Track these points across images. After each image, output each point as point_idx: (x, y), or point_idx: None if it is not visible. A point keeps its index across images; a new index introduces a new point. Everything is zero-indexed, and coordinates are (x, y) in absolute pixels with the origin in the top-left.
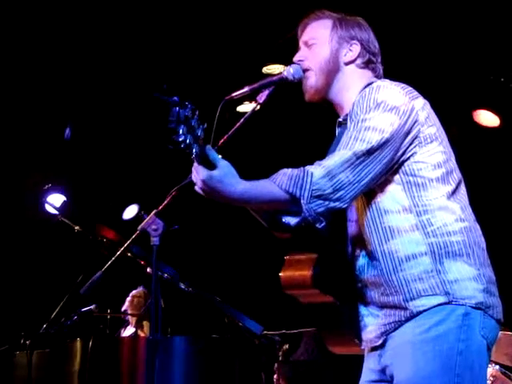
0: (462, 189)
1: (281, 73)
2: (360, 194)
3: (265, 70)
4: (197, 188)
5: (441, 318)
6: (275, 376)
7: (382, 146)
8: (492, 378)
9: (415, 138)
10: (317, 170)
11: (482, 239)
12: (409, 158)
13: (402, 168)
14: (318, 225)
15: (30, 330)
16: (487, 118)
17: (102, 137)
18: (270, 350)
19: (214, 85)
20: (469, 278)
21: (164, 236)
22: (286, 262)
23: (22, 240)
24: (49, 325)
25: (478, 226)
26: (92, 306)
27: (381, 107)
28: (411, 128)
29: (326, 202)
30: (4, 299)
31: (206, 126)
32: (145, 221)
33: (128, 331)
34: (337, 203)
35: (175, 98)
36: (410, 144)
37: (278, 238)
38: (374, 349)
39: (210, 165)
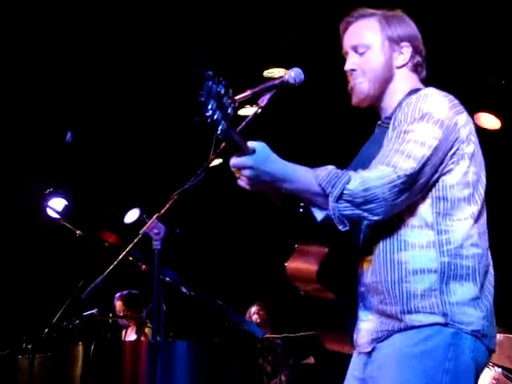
0: (484, 213)
1: (282, 76)
2: (394, 211)
3: (266, 73)
4: (242, 180)
5: (429, 334)
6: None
7: (424, 163)
8: (494, 381)
9: (454, 154)
10: (355, 176)
11: (491, 268)
12: (444, 174)
13: (437, 183)
14: (341, 226)
15: (32, 334)
16: (488, 121)
17: (103, 141)
18: (272, 353)
19: None
20: (470, 304)
21: (166, 240)
22: (296, 252)
23: (24, 244)
24: (51, 329)
25: (489, 254)
26: (94, 310)
27: (425, 119)
28: (452, 145)
29: (353, 208)
30: (6, 303)
31: (237, 105)
32: (147, 225)
33: (130, 336)
34: (365, 213)
35: (210, 72)
36: (449, 160)
37: (284, 232)
38: (361, 354)
39: (237, 148)
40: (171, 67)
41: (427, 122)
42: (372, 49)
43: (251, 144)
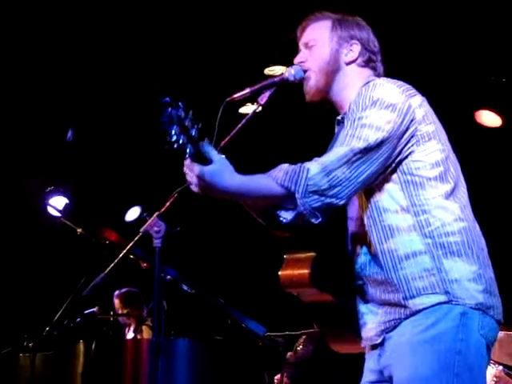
0: (462, 187)
1: (282, 74)
2: (357, 192)
3: (266, 71)
4: (192, 186)
5: (438, 318)
6: (277, 377)
7: (379, 144)
8: (495, 379)
9: (412, 136)
10: (313, 165)
11: (482, 239)
12: (406, 157)
13: (400, 167)
14: (313, 220)
15: (33, 332)
16: (489, 119)
17: (103, 139)
18: (273, 351)
19: (216, 86)
20: (468, 278)
21: (166, 238)
22: (285, 261)
23: (25, 242)
24: (52, 327)
25: (477, 226)
26: (95, 308)
27: (377, 105)
28: (408, 126)
29: (322, 198)
30: (7, 301)
31: (200, 125)
32: (147, 223)
33: (130, 334)
34: (333, 199)
35: (167, 98)
36: (408, 142)
37: (278, 237)
38: (373, 347)
39: (206, 162)
40: (171, 66)
41: (379, 107)
42: (319, 43)
43: (209, 148)
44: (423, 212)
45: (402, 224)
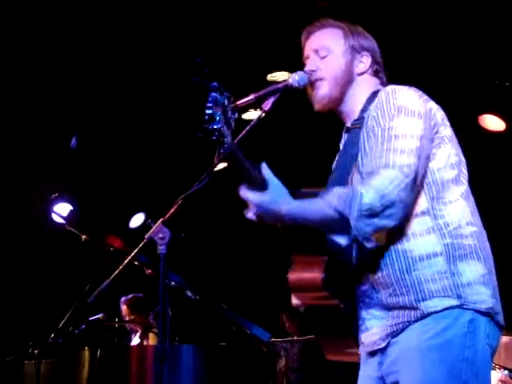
0: (470, 193)
1: (286, 80)
2: (408, 212)
3: (269, 77)
4: (250, 213)
5: (447, 324)
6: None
7: (418, 156)
8: (500, 383)
9: (434, 139)
10: (366, 189)
11: (488, 245)
12: (430, 159)
13: (426, 169)
14: (367, 244)
15: (38, 339)
16: (493, 123)
17: (108, 145)
18: (278, 357)
19: None
20: (480, 282)
21: (171, 244)
22: (295, 263)
23: (30, 249)
24: (57, 334)
25: (484, 232)
26: (100, 315)
27: (403, 112)
28: (433, 130)
29: (375, 221)
30: (12, 309)
31: (237, 115)
32: (151, 229)
33: (135, 340)
34: (385, 221)
35: (215, 83)
36: (431, 145)
37: (283, 244)
38: (372, 354)
39: (262, 186)
40: (176, 73)
41: (405, 115)
42: (333, 53)
43: (266, 172)
44: (442, 216)
45: (421, 228)
